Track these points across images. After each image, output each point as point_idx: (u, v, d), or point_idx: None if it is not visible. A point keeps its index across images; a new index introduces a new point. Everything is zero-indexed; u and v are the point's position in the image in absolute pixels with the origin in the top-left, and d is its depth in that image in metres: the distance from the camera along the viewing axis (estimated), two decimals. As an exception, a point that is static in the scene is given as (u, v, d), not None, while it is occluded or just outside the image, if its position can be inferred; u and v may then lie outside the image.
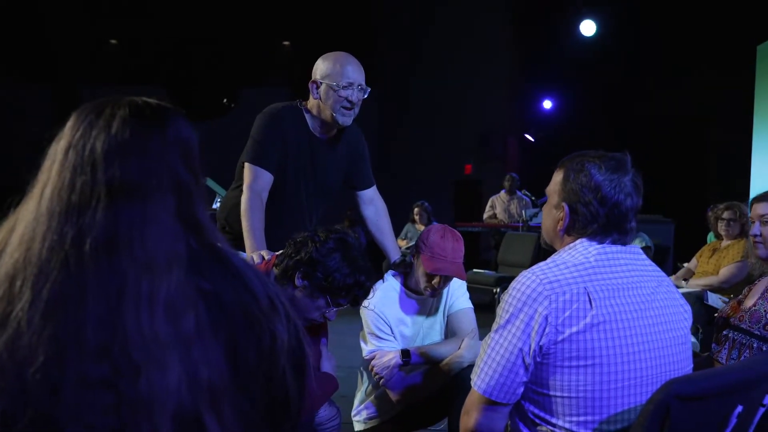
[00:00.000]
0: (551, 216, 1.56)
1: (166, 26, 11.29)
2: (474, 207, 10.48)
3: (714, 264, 4.51)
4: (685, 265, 4.98)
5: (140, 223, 0.85)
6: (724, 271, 4.37)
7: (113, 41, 12.00)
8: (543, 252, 7.46)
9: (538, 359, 1.39)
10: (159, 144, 0.90)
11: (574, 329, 1.35)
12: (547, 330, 1.36)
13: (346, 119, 2.44)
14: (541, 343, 1.37)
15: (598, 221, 1.46)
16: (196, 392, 0.82)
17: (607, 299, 1.38)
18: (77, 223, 0.83)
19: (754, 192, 7.82)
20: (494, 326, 1.45)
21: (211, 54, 11.80)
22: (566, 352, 1.36)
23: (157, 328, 0.81)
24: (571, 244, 1.50)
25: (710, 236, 5.57)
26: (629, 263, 1.47)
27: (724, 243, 4.58)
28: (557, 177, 1.55)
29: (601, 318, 1.36)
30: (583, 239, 1.48)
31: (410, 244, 7.23)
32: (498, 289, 6.57)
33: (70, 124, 0.91)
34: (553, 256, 1.51)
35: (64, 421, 0.77)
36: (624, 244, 1.49)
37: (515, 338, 1.39)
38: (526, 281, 1.42)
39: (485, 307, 2.70)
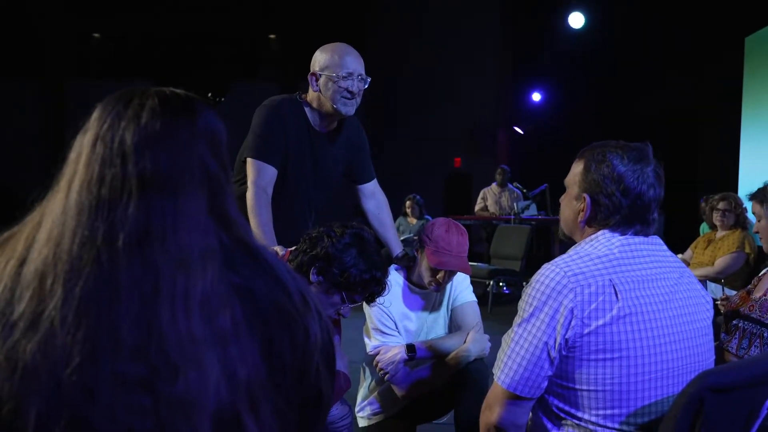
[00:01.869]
0: (571, 207, 1.54)
1: (153, 20, 11.18)
2: (464, 200, 10.49)
3: (710, 254, 4.54)
4: (680, 256, 5.01)
5: (173, 217, 0.82)
6: (720, 262, 4.40)
7: (100, 35, 11.87)
8: (535, 244, 7.50)
9: (563, 353, 1.37)
10: (189, 135, 0.87)
11: (601, 322, 1.33)
12: (573, 323, 1.34)
13: (349, 108, 2.40)
14: (567, 337, 1.35)
15: (620, 212, 1.44)
16: (235, 391, 0.80)
17: (632, 291, 1.37)
18: (108, 218, 0.80)
19: (742, 183, 7.89)
20: (517, 320, 1.43)
21: (199, 48, 11.70)
22: (593, 345, 1.34)
23: (194, 327, 0.79)
24: (593, 236, 1.48)
25: (703, 227, 5.61)
26: (652, 254, 1.46)
27: (719, 233, 4.60)
28: (577, 168, 1.52)
29: (627, 310, 1.34)
30: (605, 230, 1.46)
31: (402, 237, 7.22)
32: (491, 282, 6.58)
33: (95, 115, 0.87)
34: (575, 248, 1.49)
35: (101, 422, 0.74)
36: (646, 235, 1.48)
37: (540, 332, 1.37)
38: (550, 274, 1.40)
39: (479, 299, 2.69)
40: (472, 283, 2.67)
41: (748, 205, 4.40)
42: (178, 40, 11.56)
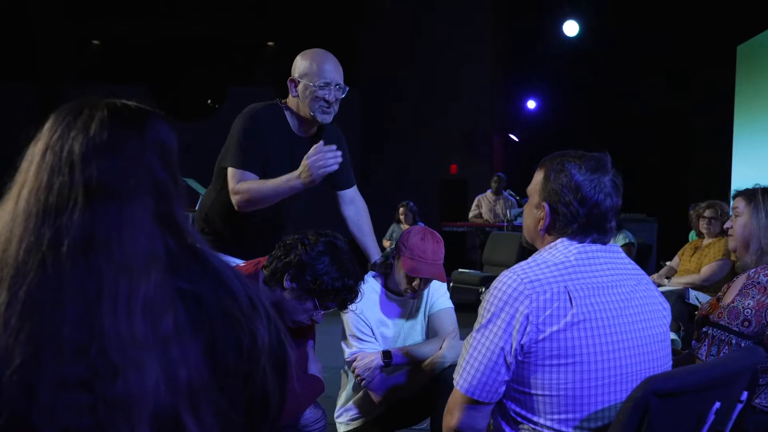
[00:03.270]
0: (532, 215, 1.57)
1: (150, 26, 11.23)
2: (460, 207, 10.51)
3: (696, 262, 4.56)
4: (667, 263, 5.03)
5: (118, 224, 0.85)
6: (706, 269, 4.42)
7: (97, 41, 11.92)
8: (527, 252, 7.51)
9: (519, 358, 1.39)
10: (137, 145, 0.90)
11: (555, 328, 1.36)
12: (528, 329, 1.36)
13: (326, 116, 2.42)
14: (522, 342, 1.37)
15: (578, 221, 1.47)
16: (175, 392, 0.82)
17: (587, 297, 1.39)
18: (54, 224, 0.83)
19: (734, 190, 7.92)
20: (476, 326, 1.46)
21: (197, 54, 11.74)
22: (547, 350, 1.36)
23: (135, 329, 0.81)
24: (552, 244, 1.51)
25: (692, 234, 5.63)
26: (609, 262, 1.48)
27: (706, 241, 4.63)
28: (538, 177, 1.55)
29: (581, 316, 1.37)
30: (564, 239, 1.49)
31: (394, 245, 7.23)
32: (483, 289, 6.60)
33: (47, 125, 0.90)
34: (534, 256, 1.52)
35: (40, 421, 0.77)
36: (604, 243, 1.50)
37: (497, 337, 1.39)
38: (507, 281, 1.42)
39: (470, 307, 2.70)
40: (465, 290, 2.68)
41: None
42: (175, 46, 11.61)
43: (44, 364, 0.77)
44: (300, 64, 2.42)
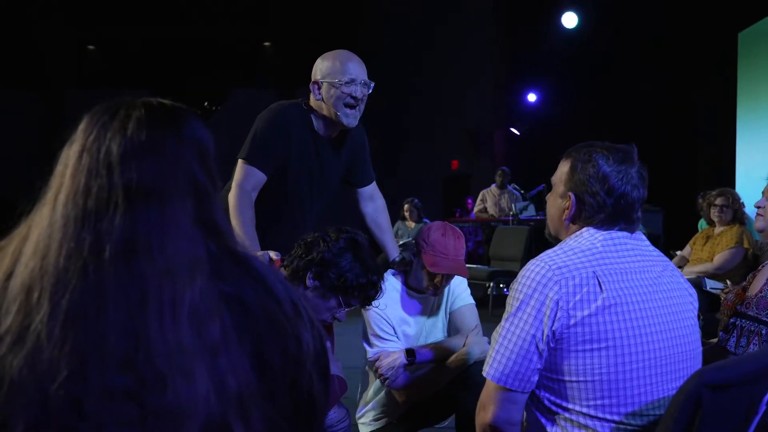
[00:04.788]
0: (557, 205, 1.57)
1: (151, 30, 11.21)
2: (463, 202, 10.49)
3: (708, 251, 4.53)
4: (679, 252, 5.00)
5: (159, 228, 0.81)
6: (719, 258, 4.40)
7: (98, 45, 11.91)
8: (535, 245, 7.49)
9: (551, 345, 1.39)
10: (175, 145, 0.87)
11: (586, 312, 1.36)
12: (558, 315, 1.36)
13: (350, 120, 2.37)
14: (553, 329, 1.37)
15: (605, 211, 1.48)
16: (224, 401, 0.79)
17: (616, 282, 1.40)
18: (95, 229, 0.79)
19: (740, 178, 7.90)
20: (504, 315, 1.45)
21: (196, 57, 11.73)
22: (579, 335, 1.36)
23: (182, 337, 0.78)
24: (578, 232, 1.51)
25: (701, 223, 5.61)
26: (635, 248, 1.49)
27: (717, 229, 4.60)
28: (564, 167, 1.55)
29: (611, 300, 1.37)
30: (590, 228, 1.50)
31: (400, 242, 7.21)
32: (491, 284, 6.57)
33: (82, 127, 0.87)
34: (560, 244, 1.52)
35: None
36: (631, 232, 1.51)
37: (527, 325, 1.39)
38: (534, 268, 1.43)
39: (478, 302, 2.69)
40: (471, 285, 2.67)
41: (746, 200, 4.42)
42: (175, 49, 11.60)
43: (90, 376, 0.74)
44: (322, 66, 2.37)
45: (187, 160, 0.87)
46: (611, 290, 1.38)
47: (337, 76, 2.32)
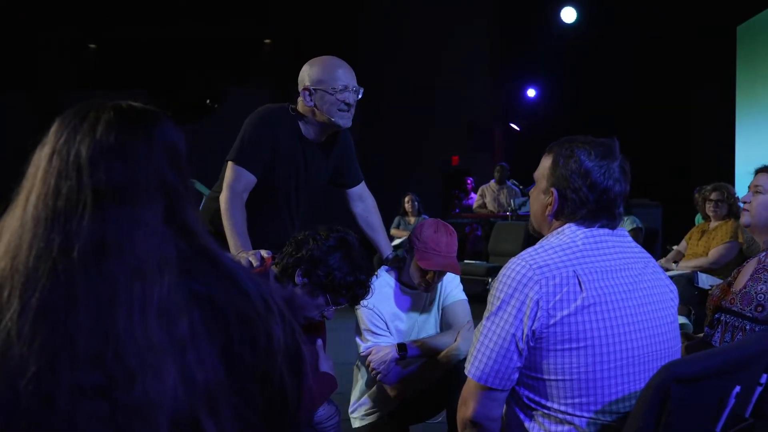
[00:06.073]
0: (539, 201, 1.57)
1: (147, 30, 11.21)
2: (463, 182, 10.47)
3: (703, 245, 4.54)
4: (675, 247, 5.01)
5: (128, 228, 0.83)
6: (714, 252, 4.41)
7: (93, 45, 11.90)
8: (533, 241, 7.50)
9: (531, 344, 1.39)
10: (145, 147, 0.89)
11: (566, 312, 1.36)
12: (538, 314, 1.37)
13: (346, 121, 2.41)
14: (533, 328, 1.38)
15: (587, 207, 1.47)
16: (193, 396, 0.81)
17: (596, 281, 1.40)
18: (64, 229, 0.81)
19: (738, 172, 7.89)
20: (486, 314, 1.46)
21: (193, 55, 11.72)
22: (558, 335, 1.37)
23: (151, 334, 0.80)
24: (559, 229, 1.51)
25: (698, 218, 5.61)
26: (616, 246, 1.49)
27: (713, 224, 4.61)
28: (546, 162, 1.55)
29: (591, 300, 1.37)
30: (572, 224, 1.49)
31: (402, 239, 7.21)
32: (490, 279, 6.59)
33: (53, 129, 0.89)
34: (541, 241, 1.52)
35: (61, 430, 0.76)
36: (612, 228, 1.50)
37: (507, 324, 1.40)
38: (515, 267, 1.43)
39: (477, 298, 2.70)
40: (470, 281, 2.68)
41: (742, 191, 4.42)
42: (171, 47, 11.59)
43: (60, 373, 0.76)
44: (312, 72, 2.39)
45: (156, 161, 0.89)
46: (591, 290, 1.38)
47: (330, 84, 2.35)
